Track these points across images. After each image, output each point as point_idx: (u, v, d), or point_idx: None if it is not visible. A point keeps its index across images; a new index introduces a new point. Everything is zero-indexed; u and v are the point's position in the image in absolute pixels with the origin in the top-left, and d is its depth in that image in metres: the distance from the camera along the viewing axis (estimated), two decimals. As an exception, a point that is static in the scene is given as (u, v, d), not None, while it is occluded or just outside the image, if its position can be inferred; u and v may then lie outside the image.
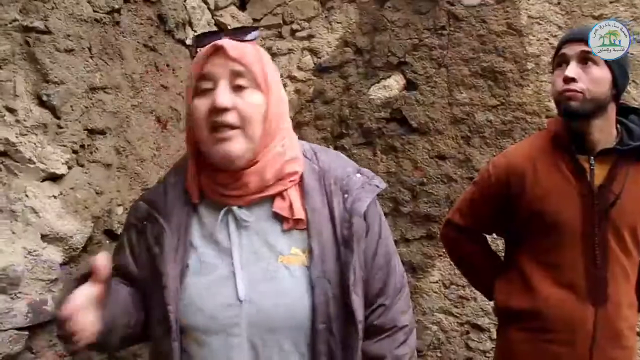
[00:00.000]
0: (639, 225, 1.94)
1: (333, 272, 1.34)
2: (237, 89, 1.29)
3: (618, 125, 1.97)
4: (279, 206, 1.36)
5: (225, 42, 1.31)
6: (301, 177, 1.40)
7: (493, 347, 3.02)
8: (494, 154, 3.13)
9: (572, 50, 1.88)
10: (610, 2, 3.00)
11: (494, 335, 2.45)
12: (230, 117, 1.27)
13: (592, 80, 1.85)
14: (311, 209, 1.37)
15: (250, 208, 1.37)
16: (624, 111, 2.02)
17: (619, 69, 1.88)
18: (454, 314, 3.29)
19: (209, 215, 1.39)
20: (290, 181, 1.38)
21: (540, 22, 3.13)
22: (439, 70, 3.26)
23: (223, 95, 1.26)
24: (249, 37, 1.37)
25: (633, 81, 2.95)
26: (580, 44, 1.86)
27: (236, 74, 1.29)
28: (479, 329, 3.24)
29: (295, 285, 1.32)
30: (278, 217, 1.36)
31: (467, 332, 3.28)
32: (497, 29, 3.17)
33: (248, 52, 1.33)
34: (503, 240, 2.36)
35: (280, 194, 1.37)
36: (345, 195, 1.40)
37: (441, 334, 3.32)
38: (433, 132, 3.27)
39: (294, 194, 1.38)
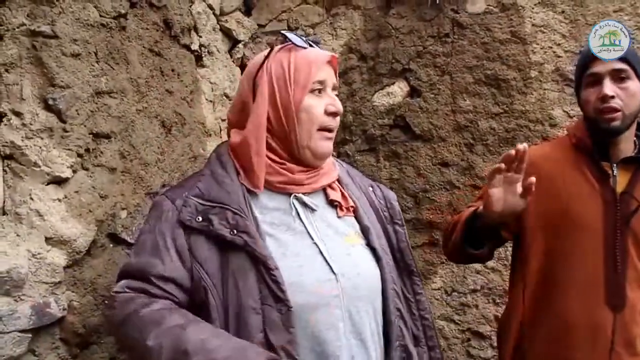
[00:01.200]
0: None
1: (386, 245, 1.62)
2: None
3: (634, 136, 2.01)
4: (334, 196, 1.58)
5: (332, 53, 1.57)
6: None
7: (494, 355, 3.04)
8: (497, 161, 3.13)
9: (604, 67, 1.89)
10: (614, 12, 3.02)
11: (495, 343, 2.44)
12: (336, 122, 1.55)
13: (629, 96, 1.88)
14: (356, 198, 1.63)
15: (311, 196, 1.55)
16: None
17: None
18: (455, 321, 3.29)
19: (272, 202, 1.52)
20: (334, 175, 1.63)
21: (544, 30, 3.14)
22: (442, 77, 3.27)
23: (338, 104, 1.55)
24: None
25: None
26: (611, 60, 1.88)
27: (336, 85, 1.58)
28: (480, 336, 3.24)
29: (366, 259, 1.55)
30: (332, 205, 1.58)
31: (469, 340, 3.28)
32: (501, 37, 3.19)
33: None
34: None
35: (330, 186, 1.60)
36: (371, 188, 1.72)
37: (443, 341, 3.32)
38: (436, 139, 3.27)
39: (338, 186, 1.63)
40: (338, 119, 1.56)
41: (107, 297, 1.90)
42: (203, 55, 2.98)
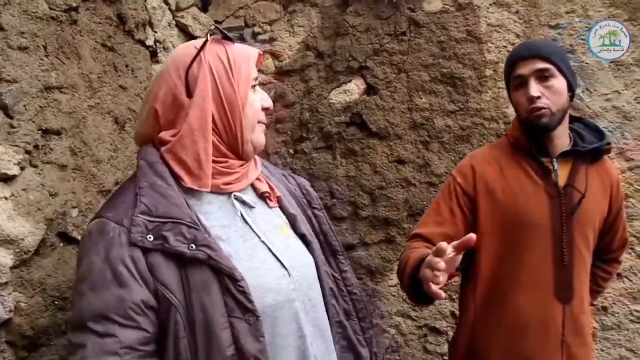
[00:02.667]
0: (597, 225, 2.06)
1: (311, 230, 1.66)
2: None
3: (568, 131, 2.08)
4: (264, 188, 1.58)
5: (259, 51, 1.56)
6: None
7: (450, 350, 3.06)
8: (453, 159, 3.17)
9: (527, 69, 1.96)
10: (567, 13, 3.08)
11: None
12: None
13: (554, 94, 1.95)
14: (277, 188, 1.64)
15: (243, 192, 1.53)
16: (569, 120, 2.11)
17: (569, 72, 2.00)
18: (412, 317, 3.32)
19: (214, 205, 1.46)
20: (259, 166, 1.64)
21: (499, 30, 3.19)
22: (399, 75, 3.29)
23: (269, 100, 1.56)
24: None
25: (587, 89, 3.03)
26: (534, 61, 1.95)
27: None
28: (437, 332, 3.28)
29: (301, 247, 1.58)
30: (262, 198, 1.58)
31: (425, 335, 3.32)
32: (457, 36, 3.23)
33: None
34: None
35: (258, 179, 1.59)
36: (284, 177, 1.75)
37: (399, 337, 3.35)
38: (392, 136, 3.30)
39: (263, 177, 1.63)
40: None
41: (57, 297, 1.86)
42: (158, 51, 2.93)
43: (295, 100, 3.48)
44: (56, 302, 1.85)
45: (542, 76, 1.94)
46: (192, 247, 1.31)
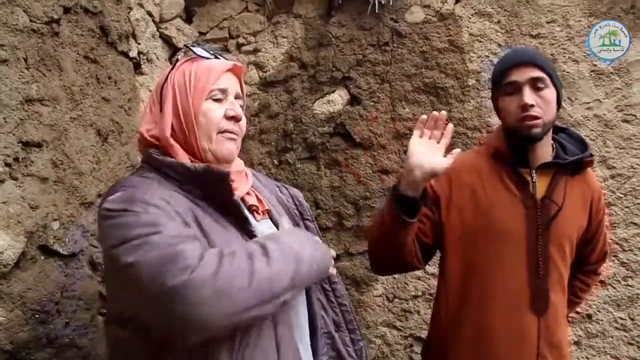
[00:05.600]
0: (574, 238, 2.02)
1: None
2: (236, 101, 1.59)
3: (552, 141, 2.05)
4: (252, 201, 1.60)
5: (239, 65, 1.61)
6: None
7: None
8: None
9: (522, 76, 1.90)
10: (547, 23, 3.11)
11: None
12: (238, 126, 1.56)
13: (547, 104, 1.90)
14: (267, 199, 1.67)
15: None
16: (554, 130, 2.09)
17: (559, 83, 1.97)
18: (397, 327, 3.32)
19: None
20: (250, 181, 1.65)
21: (481, 39, 3.22)
22: (382, 85, 3.31)
23: (238, 109, 1.55)
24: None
25: (568, 98, 3.06)
26: (529, 68, 1.90)
27: (238, 94, 1.59)
28: (423, 341, 3.26)
29: None
30: (250, 210, 1.58)
31: (411, 345, 3.32)
32: (439, 46, 3.25)
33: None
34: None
35: (247, 192, 1.60)
36: (277, 188, 1.77)
37: (385, 347, 3.35)
38: (376, 146, 3.31)
39: (253, 191, 1.64)
40: (242, 124, 1.57)
41: (38, 310, 1.84)
42: (142, 63, 2.93)
43: (279, 111, 3.49)
44: (37, 316, 1.83)
45: (536, 85, 1.89)
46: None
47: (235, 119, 1.54)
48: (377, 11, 3.29)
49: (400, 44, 3.30)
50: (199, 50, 1.58)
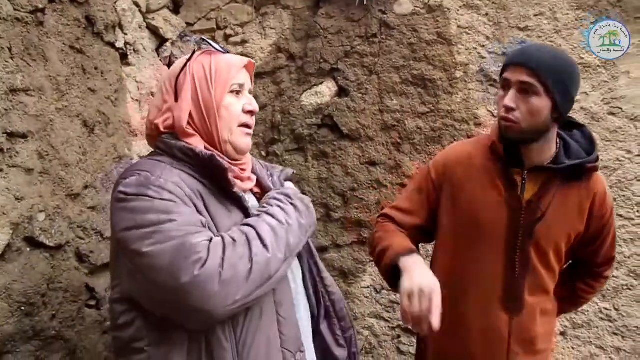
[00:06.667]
0: (562, 243, 1.99)
1: None
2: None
3: (558, 140, 1.99)
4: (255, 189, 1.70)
5: (251, 60, 1.68)
6: None
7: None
8: (424, 160, 3.20)
9: (513, 76, 1.85)
10: (535, 16, 3.12)
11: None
12: (254, 120, 1.65)
13: (530, 112, 1.83)
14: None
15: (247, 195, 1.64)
16: (569, 125, 2.06)
17: (561, 96, 1.83)
18: (385, 319, 3.33)
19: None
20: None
21: (469, 32, 3.22)
22: (370, 77, 3.31)
23: (254, 104, 1.64)
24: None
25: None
26: (521, 70, 1.82)
27: (251, 89, 1.68)
28: (410, 332, 3.29)
29: None
30: (256, 196, 1.69)
31: (399, 337, 3.33)
32: (428, 38, 3.25)
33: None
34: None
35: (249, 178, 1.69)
36: (271, 174, 1.79)
37: (373, 338, 3.36)
38: (364, 138, 3.31)
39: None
40: (254, 118, 1.66)
41: (24, 303, 1.83)
42: (129, 53, 2.91)
43: (267, 103, 3.48)
44: (22, 308, 1.82)
45: (523, 89, 1.82)
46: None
47: (252, 113, 1.63)
48: (365, 3, 3.28)
49: (389, 36, 3.29)
50: (215, 45, 1.65)
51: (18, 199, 1.82)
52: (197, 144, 1.53)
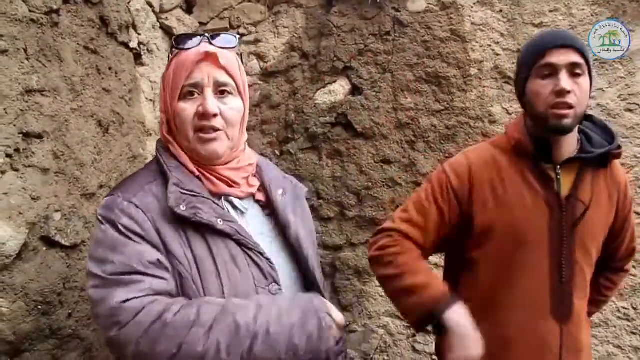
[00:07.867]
0: (601, 239, 1.90)
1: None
2: (221, 93, 1.46)
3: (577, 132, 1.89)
4: (259, 196, 1.58)
5: (217, 50, 1.45)
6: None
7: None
8: (438, 158, 3.18)
9: (560, 59, 1.73)
10: (550, 12, 3.09)
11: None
12: (216, 122, 1.43)
13: (582, 93, 1.75)
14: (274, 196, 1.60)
15: (245, 200, 1.55)
16: None
17: (592, 73, 1.80)
18: (400, 317, 3.32)
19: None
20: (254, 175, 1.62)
21: (483, 29, 3.20)
22: (384, 75, 3.29)
23: (212, 103, 1.42)
24: (234, 46, 1.51)
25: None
26: (569, 51, 1.73)
27: (222, 82, 1.45)
28: (426, 331, 3.26)
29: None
30: (259, 204, 1.58)
31: (414, 335, 3.32)
32: (441, 35, 3.23)
33: (232, 61, 1.49)
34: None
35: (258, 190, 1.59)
36: (282, 188, 1.65)
37: (388, 337, 3.34)
38: (378, 136, 3.30)
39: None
40: (229, 115, 1.46)
41: (41, 302, 1.84)
42: (142, 54, 2.92)
43: (281, 102, 3.47)
44: (39, 307, 1.84)
45: (574, 72, 1.72)
46: (220, 221, 1.38)
47: (204, 116, 1.42)
48: (378, 1, 3.27)
49: (402, 34, 3.28)
50: (180, 41, 1.48)
51: (34, 198, 1.83)
52: (175, 150, 1.48)
